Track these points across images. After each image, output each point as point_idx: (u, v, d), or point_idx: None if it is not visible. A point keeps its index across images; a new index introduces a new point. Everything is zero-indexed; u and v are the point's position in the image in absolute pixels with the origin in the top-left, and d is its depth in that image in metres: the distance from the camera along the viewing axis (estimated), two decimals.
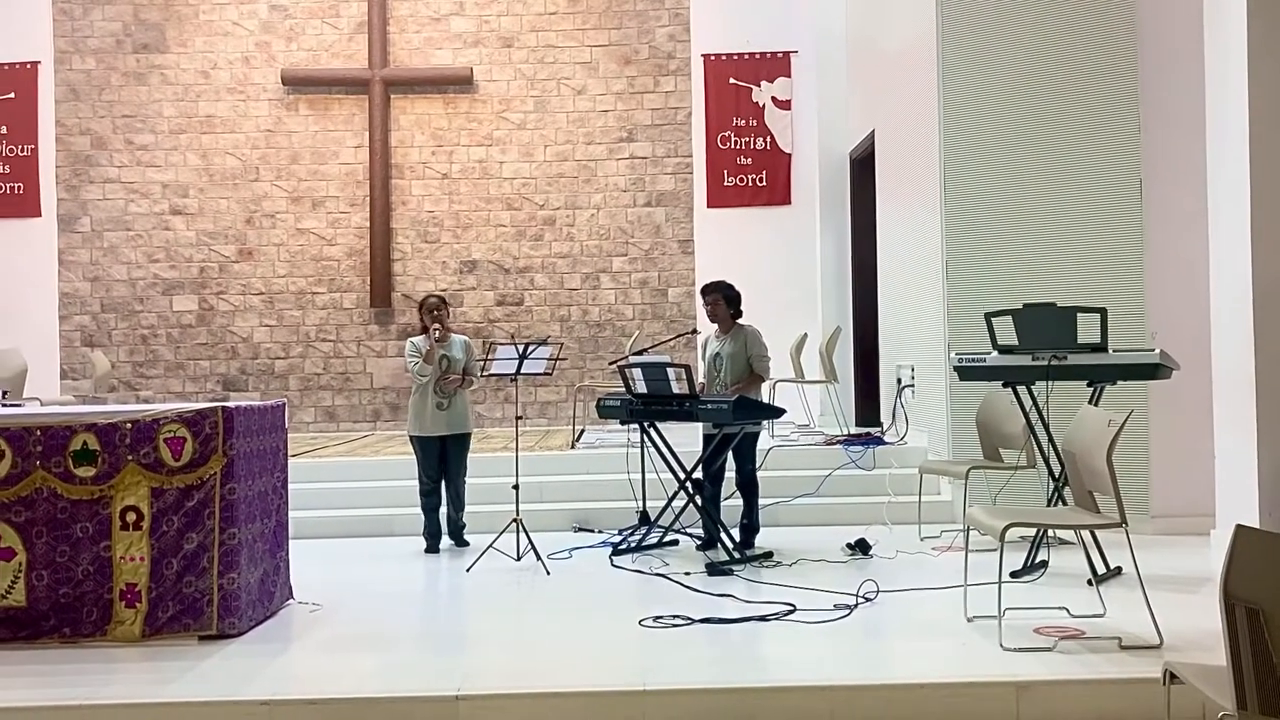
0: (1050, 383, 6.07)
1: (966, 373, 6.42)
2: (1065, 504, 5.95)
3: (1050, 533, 6.22)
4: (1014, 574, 5.81)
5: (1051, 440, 6.17)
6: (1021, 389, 6.28)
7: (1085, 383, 6.03)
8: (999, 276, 7.55)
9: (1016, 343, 6.21)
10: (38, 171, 11.99)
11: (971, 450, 7.26)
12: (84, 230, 12.05)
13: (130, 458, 5.01)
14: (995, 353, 6.28)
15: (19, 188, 11.98)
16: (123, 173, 12.08)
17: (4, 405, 9.84)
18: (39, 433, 5.04)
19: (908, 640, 4.93)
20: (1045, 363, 5.99)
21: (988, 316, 6.32)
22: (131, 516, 5.01)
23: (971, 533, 5.42)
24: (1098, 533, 5.55)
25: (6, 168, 11.97)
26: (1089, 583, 5.61)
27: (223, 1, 12.09)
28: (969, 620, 4.97)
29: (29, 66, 11.99)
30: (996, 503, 6.64)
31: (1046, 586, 5.70)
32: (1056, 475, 6.10)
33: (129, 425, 5.03)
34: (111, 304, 12.05)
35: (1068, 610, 5.02)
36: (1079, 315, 5.99)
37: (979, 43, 7.76)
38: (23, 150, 11.98)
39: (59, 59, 12.05)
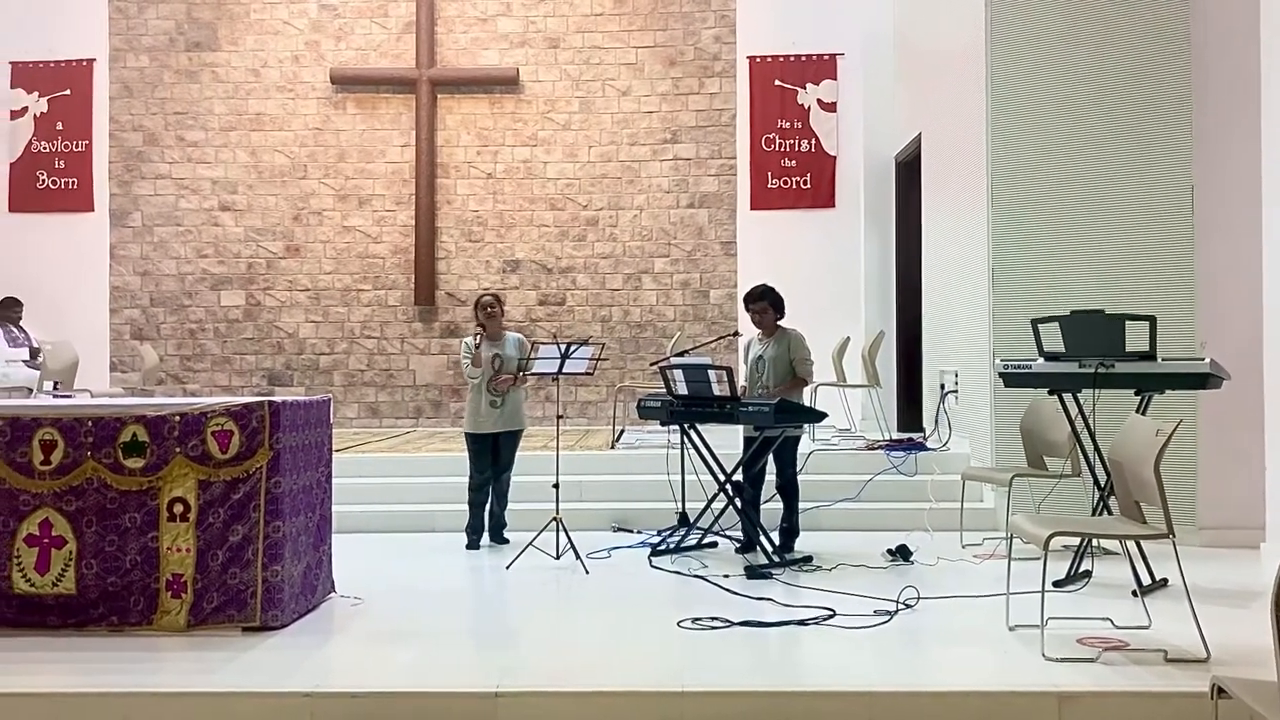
0: (1096, 390, 6.00)
1: (1011, 379, 6.36)
2: (1110, 513, 5.87)
3: (1094, 542, 6.14)
4: (1057, 583, 5.75)
5: (1097, 449, 6.09)
6: (1067, 396, 6.21)
7: (1133, 391, 5.95)
8: (1046, 282, 7.47)
9: (1063, 350, 6.14)
10: (91, 167, 12.20)
11: (1015, 457, 7.19)
12: (135, 225, 12.24)
13: (178, 450, 5.08)
14: (1041, 359, 6.21)
15: (73, 183, 12.19)
16: (174, 169, 12.26)
17: (56, 396, 10.03)
18: (90, 424, 5.13)
19: (948, 648, 4.89)
20: (1092, 370, 5.92)
21: (1034, 323, 6.26)
22: (179, 508, 5.08)
23: (1014, 541, 5.36)
24: (1144, 543, 5.47)
25: (62, 163, 12.19)
26: (1134, 594, 5.53)
27: (273, 1, 12.24)
28: (1011, 629, 4.92)
29: (84, 64, 12.21)
30: (1040, 511, 6.57)
31: (1090, 597, 5.63)
32: (1102, 484, 6.02)
33: (177, 418, 5.10)
34: (161, 298, 12.23)
35: (1112, 621, 4.96)
36: (1127, 323, 5.92)
37: (1028, 45, 7.68)
38: (77, 146, 12.20)
39: (114, 56, 12.25)
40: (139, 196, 12.24)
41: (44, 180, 12.17)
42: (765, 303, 6.98)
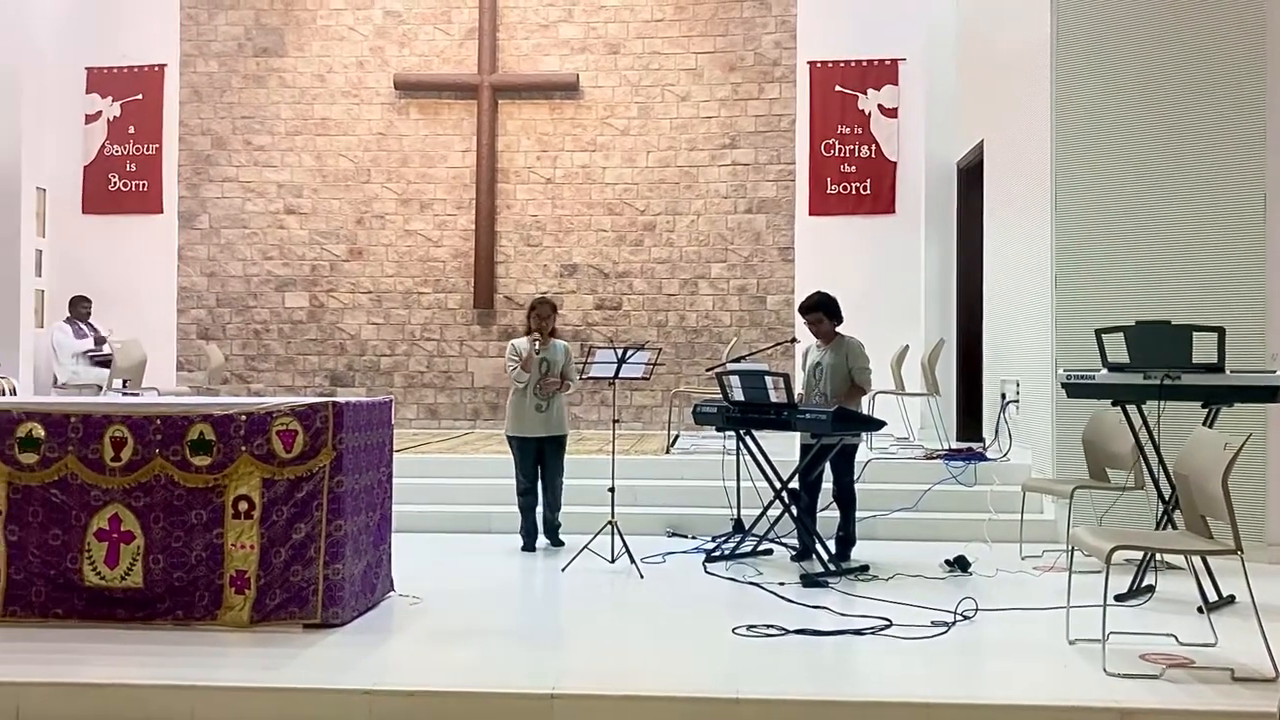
0: (1162, 402, 5.89)
1: (1074, 389, 6.27)
2: (1175, 527, 5.77)
3: (1158, 557, 6.03)
4: (1119, 597, 5.65)
5: (1162, 462, 5.98)
6: (1131, 408, 6.11)
7: (1200, 404, 5.84)
8: (1110, 292, 7.35)
9: (1127, 360, 6.04)
10: (161, 170, 12.47)
11: (1077, 469, 7.08)
12: (203, 227, 12.50)
13: (244, 449, 5.18)
14: (1105, 370, 6.11)
15: (144, 185, 12.47)
16: (240, 172, 12.49)
17: (124, 394, 10.28)
18: (159, 422, 5.24)
19: (1007, 660, 4.84)
20: (1158, 382, 5.81)
21: (1098, 333, 6.16)
22: (243, 505, 5.18)
23: (1075, 554, 5.29)
24: (1210, 559, 5.37)
25: (133, 166, 12.47)
26: (1199, 610, 5.42)
27: (340, 7, 12.43)
28: (1071, 643, 4.85)
29: (156, 69, 12.48)
30: (1102, 524, 6.47)
31: (1153, 612, 5.54)
32: (1166, 498, 5.92)
33: (243, 417, 5.20)
34: (227, 299, 12.47)
35: (1176, 638, 4.86)
36: (1195, 334, 5.81)
37: (1095, 50, 7.56)
38: (148, 149, 12.47)
39: (184, 62, 12.52)
40: (207, 199, 12.50)
41: (116, 182, 12.46)
42: (820, 313, 6.94)
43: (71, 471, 5.24)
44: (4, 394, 9.49)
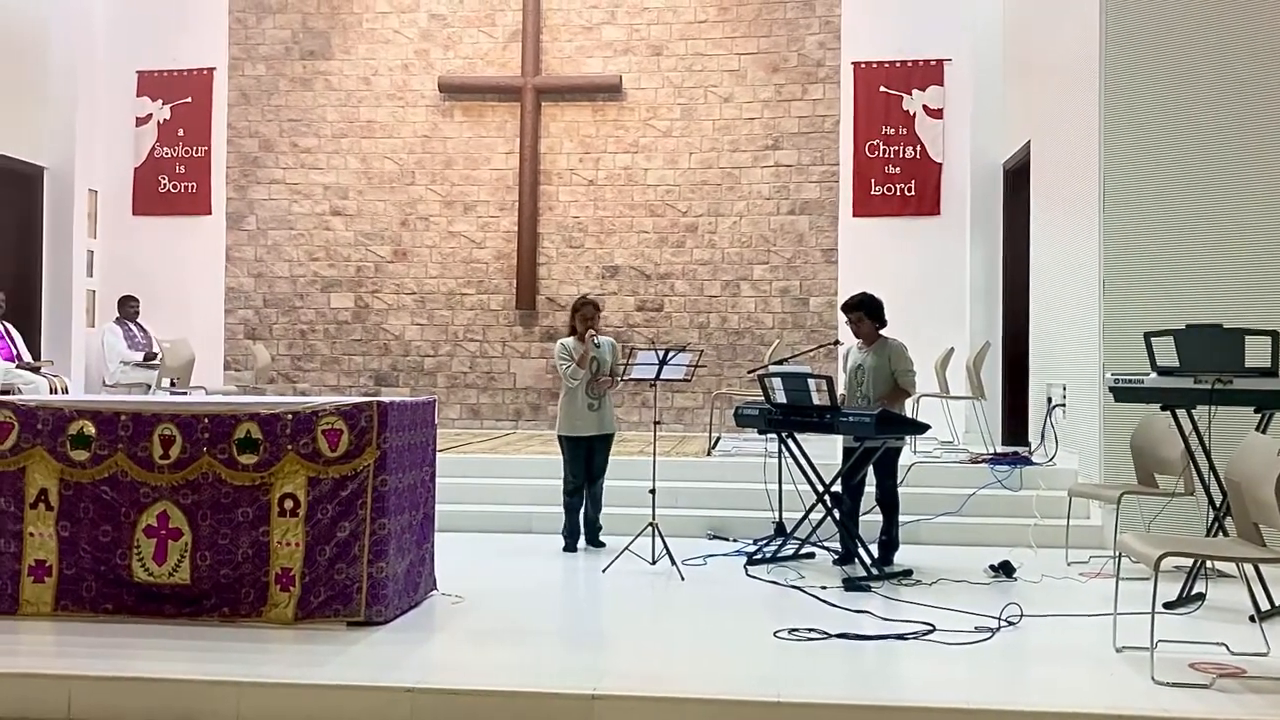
0: (1213, 407, 5.79)
1: (1122, 394, 6.18)
2: (1226, 534, 5.67)
3: (1209, 564, 5.93)
4: (1168, 605, 5.57)
5: (1213, 467, 5.89)
6: (1181, 413, 6.01)
7: (1252, 409, 5.73)
8: (1160, 295, 7.25)
9: (1177, 364, 5.95)
10: (210, 172, 12.64)
11: (1124, 474, 6.99)
12: (250, 228, 12.65)
13: (290, 447, 5.24)
14: (1154, 374, 6.02)
15: (193, 186, 12.64)
16: (287, 174, 12.63)
17: (173, 393, 10.43)
18: (206, 420, 5.32)
19: (1052, 667, 4.78)
20: (1208, 386, 5.72)
21: (1147, 336, 6.08)
22: (289, 504, 5.23)
23: (1122, 560, 5.21)
24: (1262, 567, 5.27)
25: (182, 168, 12.65)
26: (1251, 619, 5.32)
27: (385, 10, 12.54)
28: (1118, 650, 4.79)
29: (205, 72, 12.66)
30: (1150, 530, 6.38)
31: (1203, 620, 5.45)
32: (1217, 504, 5.82)
33: (289, 416, 5.26)
34: (273, 299, 12.61)
35: (1227, 646, 4.78)
36: (1247, 338, 5.71)
37: (1145, 50, 7.46)
38: (197, 151, 12.65)
39: (232, 65, 12.68)
40: (254, 200, 12.65)
41: (165, 184, 12.64)
42: (861, 312, 6.89)
43: (121, 469, 5.33)
44: (56, 392, 9.66)
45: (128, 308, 11.72)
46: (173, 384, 10.78)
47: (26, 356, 10.26)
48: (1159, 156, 7.37)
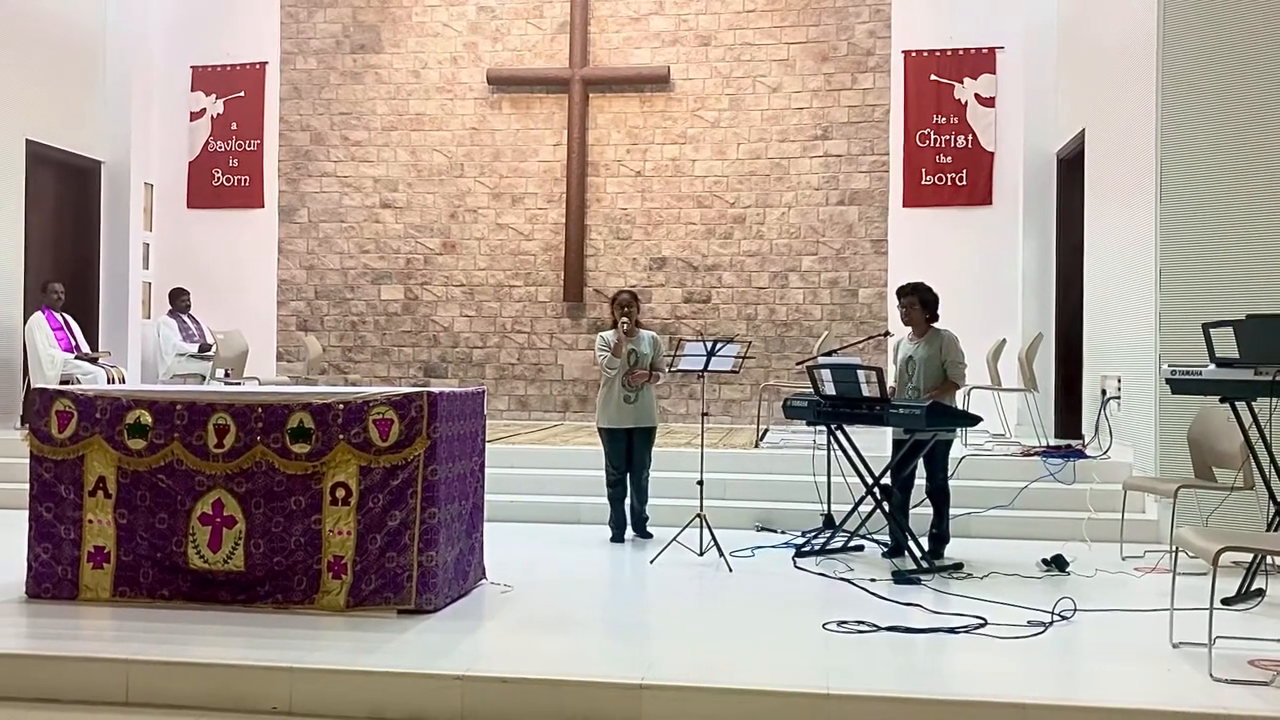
0: (1274, 400, 5.67)
1: (1179, 385, 6.06)
2: None
3: (1269, 559, 5.82)
4: (1226, 601, 5.46)
5: (1273, 461, 5.76)
6: (1240, 405, 5.89)
7: None
8: (1218, 285, 7.11)
9: (1236, 356, 5.83)
10: (262, 165, 12.80)
11: (1181, 468, 6.87)
12: (301, 221, 12.79)
13: (341, 437, 5.29)
14: (1212, 365, 5.90)
15: (245, 180, 12.82)
16: (338, 167, 12.76)
17: (227, 383, 10.58)
18: (260, 410, 5.38)
19: (1107, 662, 4.70)
20: (1270, 378, 5.59)
21: (1205, 327, 5.95)
22: (341, 493, 5.29)
23: (1179, 555, 5.13)
24: None
25: (235, 162, 12.82)
26: None
27: (434, 3, 12.61)
28: (1175, 646, 4.70)
29: (257, 67, 12.81)
30: (1208, 524, 6.26)
31: (1263, 616, 5.35)
32: (1278, 499, 5.70)
33: (341, 406, 5.31)
34: (324, 291, 12.75)
35: None
36: None
37: (1203, 37, 7.30)
38: (250, 145, 12.82)
39: (284, 59, 12.82)
40: (305, 194, 12.79)
41: (219, 178, 12.83)
42: (915, 298, 6.83)
43: (177, 457, 5.42)
44: (113, 382, 9.85)
45: (180, 301, 11.90)
46: (227, 375, 10.93)
47: (85, 347, 10.47)
48: (1217, 144, 7.22)
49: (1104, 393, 8.63)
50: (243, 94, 12.80)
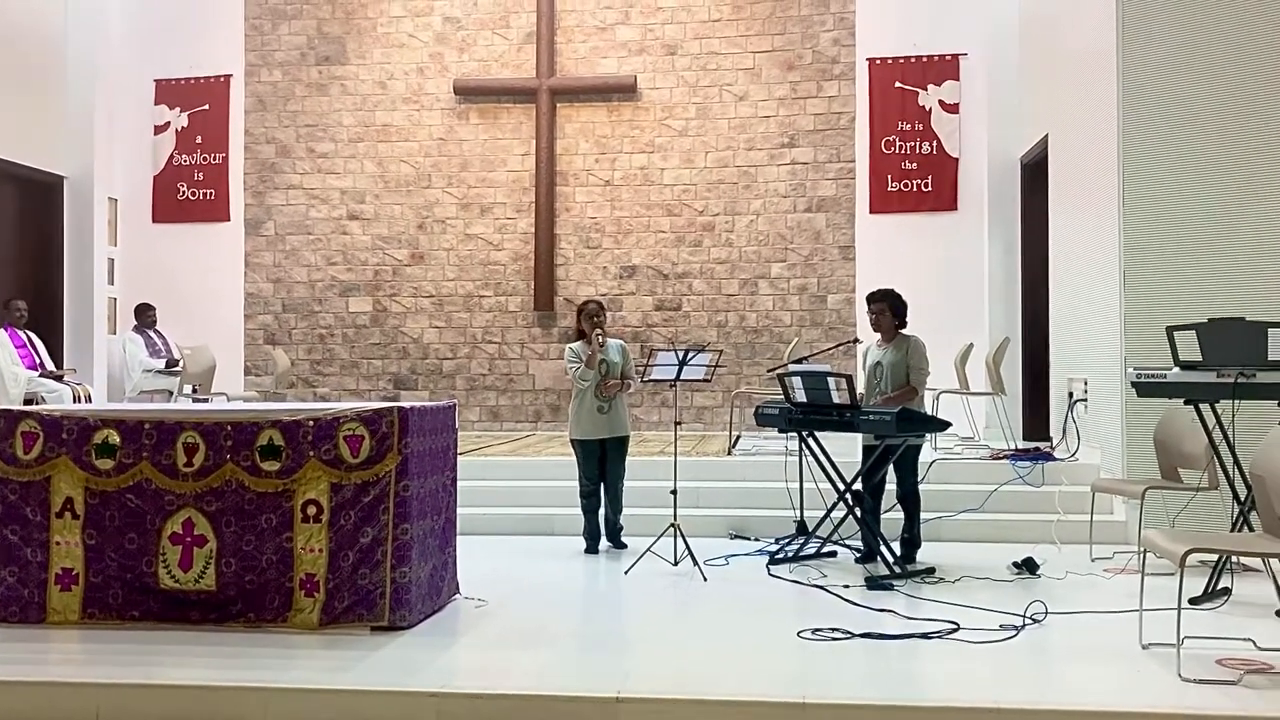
0: (1236, 401, 5.76)
1: (1145, 388, 6.15)
2: (1251, 529, 5.63)
3: (1234, 559, 5.90)
4: (1193, 600, 5.53)
5: (1237, 462, 5.85)
6: (1204, 407, 5.98)
7: (1276, 403, 5.69)
8: (1181, 288, 7.21)
9: (1200, 358, 5.92)
10: (228, 178, 12.71)
11: (1147, 469, 6.95)
12: (268, 234, 12.71)
13: (312, 454, 5.26)
14: (1176, 368, 5.99)
15: (211, 193, 12.72)
16: (304, 179, 12.69)
17: (195, 400, 10.50)
18: (229, 428, 5.34)
19: (1078, 664, 4.75)
20: (1232, 380, 5.69)
21: (1169, 330, 6.05)
22: (312, 510, 5.26)
23: (1147, 556, 5.19)
24: None
25: (200, 175, 12.72)
26: (1277, 614, 5.30)
27: (400, 14, 12.58)
28: (1144, 647, 4.76)
29: (222, 79, 12.72)
30: (1175, 525, 6.34)
31: (1230, 616, 5.42)
32: (1242, 499, 5.78)
33: (311, 423, 5.28)
34: (292, 304, 12.67)
35: (1254, 642, 4.75)
36: (1270, 330, 5.67)
37: (1163, 42, 7.41)
38: (214, 158, 12.72)
39: (249, 72, 12.74)
40: (272, 206, 12.70)
41: (184, 191, 12.72)
42: (884, 304, 6.90)
43: (146, 477, 5.37)
44: (79, 400, 9.74)
45: (146, 317, 11.80)
46: (194, 390, 10.84)
47: (49, 365, 10.34)
48: (1179, 149, 7.32)
49: (1071, 395, 8.72)
50: (207, 107, 12.71)
